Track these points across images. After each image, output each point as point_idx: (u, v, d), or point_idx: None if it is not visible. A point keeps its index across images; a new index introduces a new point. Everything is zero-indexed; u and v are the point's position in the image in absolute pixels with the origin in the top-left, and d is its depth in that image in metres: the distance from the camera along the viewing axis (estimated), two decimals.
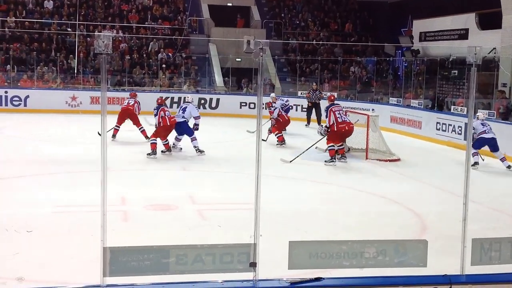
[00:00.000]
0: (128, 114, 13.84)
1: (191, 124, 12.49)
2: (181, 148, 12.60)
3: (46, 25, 23.98)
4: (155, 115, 12.09)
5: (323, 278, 3.84)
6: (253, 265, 3.76)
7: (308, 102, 18.60)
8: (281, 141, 13.85)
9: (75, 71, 22.26)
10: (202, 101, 21.00)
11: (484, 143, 11.87)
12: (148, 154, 11.66)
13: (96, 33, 16.08)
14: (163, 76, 22.82)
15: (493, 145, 11.89)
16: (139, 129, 13.78)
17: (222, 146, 13.91)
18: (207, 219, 7.60)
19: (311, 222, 7.54)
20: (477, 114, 12.36)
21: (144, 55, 23.77)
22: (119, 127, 13.78)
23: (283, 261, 3.82)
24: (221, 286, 3.72)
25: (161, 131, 11.97)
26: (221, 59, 23.95)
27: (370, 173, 11.38)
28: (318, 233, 6.77)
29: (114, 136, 13.67)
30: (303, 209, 8.24)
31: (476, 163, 11.59)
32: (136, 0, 26.09)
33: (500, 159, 11.85)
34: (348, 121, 12.06)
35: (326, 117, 12.12)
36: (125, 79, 22.26)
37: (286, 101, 16.54)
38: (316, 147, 12.68)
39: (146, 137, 13.33)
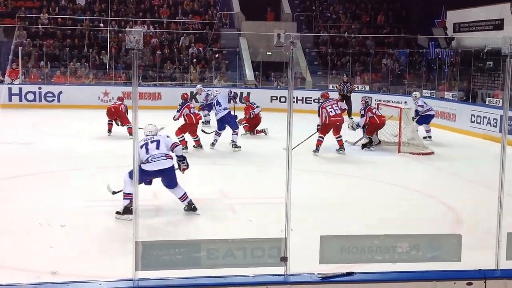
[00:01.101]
0: (116, 112, 14.01)
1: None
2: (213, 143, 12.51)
3: (78, 21, 24.28)
4: (178, 110, 12.03)
5: (355, 273, 3.80)
6: (284, 259, 3.75)
7: (339, 95, 18.48)
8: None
9: (107, 67, 22.51)
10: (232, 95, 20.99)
11: None
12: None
13: (127, 28, 16.22)
14: (194, 71, 22.91)
15: None
16: (126, 126, 13.87)
17: (252, 140, 13.90)
18: (238, 214, 7.61)
19: (342, 216, 7.50)
20: None
21: (175, 50, 23.89)
22: (112, 122, 14.05)
23: (314, 255, 3.79)
24: (252, 281, 3.72)
25: (187, 128, 11.92)
26: (251, 53, 23.94)
27: (403, 167, 11.26)
28: (349, 227, 6.72)
29: (110, 131, 14.01)
30: (334, 203, 8.19)
31: None
32: None
33: None
34: (340, 112, 12.03)
35: (319, 116, 12.06)
36: (156, 74, 22.42)
37: (210, 94, 16.66)
38: (345, 140, 12.59)
39: (130, 134, 13.57)
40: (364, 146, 12.75)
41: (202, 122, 15.01)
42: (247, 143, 13.00)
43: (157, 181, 7.33)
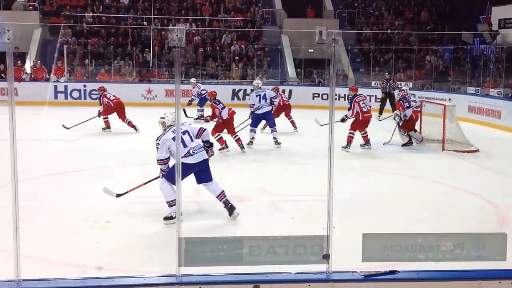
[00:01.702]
0: (120, 107, 14.28)
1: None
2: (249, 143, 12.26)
3: (122, 19, 24.67)
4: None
5: (398, 271, 3.77)
6: (326, 257, 3.74)
7: (382, 92, 18.29)
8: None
9: (150, 65, 22.80)
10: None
11: None
12: (220, 149, 11.32)
13: (170, 27, 16.38)
14: (236, 68, 23.00)
15: None
16: (126, 122, 14.21)
17: (294, 138, 13.89)
18: (280, 211, 7.62)
19: (385, 214, 7.42)
20: None
21: (217, 48, 24.02)
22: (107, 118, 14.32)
23: (357, 253, 3.77)
24: (294, 278, 3.72)
25: (223, 126, 11.68)
26: (293, 50, 23.89)
27: (447, 165, 11.08)
28: (392, 225, 6.66)
29: (108, 127, 14.22)
30: (376, 200, 8.12)
31: None
32: None
33: None
34: (370, 108, 12.08)
35: (350, 109, 11.94)
36: (198, 71, 22.59)
37: (202, 90, 16.70)
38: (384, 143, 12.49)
39: (134, 127, 14.01)
40: (404, 145, 12.56)
41: (196, 118, 15.15)
42: (288, 140, 12.99)
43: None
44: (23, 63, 21.73)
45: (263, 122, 13.02)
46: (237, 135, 11.76)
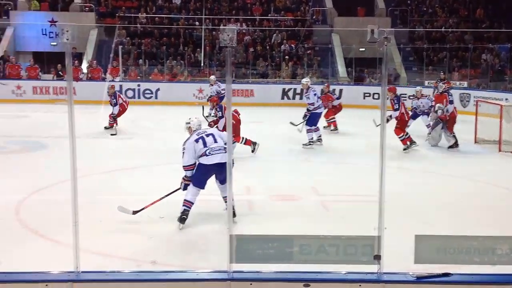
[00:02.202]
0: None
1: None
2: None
3: (174, 20, 25.02)
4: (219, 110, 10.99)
5: (452, 274, 3.71)
6: (377, 257, 3.72)
7: (435, 92, 17.95)
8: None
9: (202, 64, 23.04)
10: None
11: None
12: (253, 150, 11.21)
13: (221, 27, 16.52)
14: (286, 68, 23.00)
15: None
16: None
17: (345, 137, 13.79)
18: (330, 210, 7.59)
19: (438, 215, 7.30)
20: None
21: (267, 47, 24.08)
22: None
23: (408, 255, 3.73)
24: (345, 277, 3.72)
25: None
26: (344, 49, 23.72)
27: (503, 166, 10.80)
28: (445, 227, 6.54)
29: (112, 128, 14.03)
30: (429, 201, 7.99)
31: None
32: None
33: None
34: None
35: (397, 108, 11.68)
36: (249, 71, 22.70)
37: (222, 89, 16.19)
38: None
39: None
40: (450, 147, 12.15)
41: (206, 116, 12.87)
42: (339, 141, 12.92)
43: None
44: (80, 63, 22.33)
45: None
46: (243, 138, 11.21)
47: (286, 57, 23.21)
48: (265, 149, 11.65)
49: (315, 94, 12.39)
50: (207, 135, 6.91)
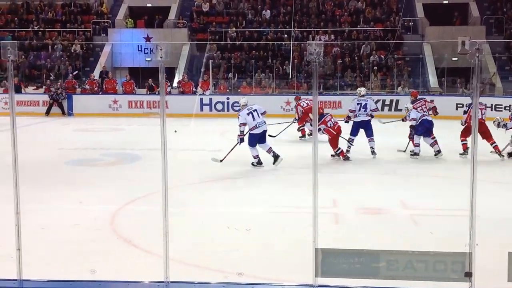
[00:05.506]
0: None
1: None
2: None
3: (263, 33, 25.34)
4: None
5: None
6: (468, 275, 3.61)
7: None
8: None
9: (290, 77, 23.17)
10: None
11: None
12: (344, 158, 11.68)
13: (308, 41, 16.58)
14: (375, 79, 22.71)
15: None
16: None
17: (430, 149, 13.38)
18: (419, 225, 7.41)
19: None
20: None
21: (356, 58, 23.88)
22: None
23: (502, 273, 3.60)
24: None
25: (332, 141, 11.65)
26: (436, 59, 23.14)
27: None
28: None
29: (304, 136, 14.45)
30: None
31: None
32: (349, 4, 26.34)
33: None
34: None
35: (466, 112, 11.73)
36: (337, 83, 22.59)
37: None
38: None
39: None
40: (510, 155, 11.65)
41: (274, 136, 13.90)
42: (427, 152, 12.57)
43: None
44: (172, 78, 23.10)
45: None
46: (339, 148, 11.73)
47: (375, 68, 22.93)
48: (350, 162, 11.60)
49: (358, 104, 12.17)
50: (254, 111, 10.72)
